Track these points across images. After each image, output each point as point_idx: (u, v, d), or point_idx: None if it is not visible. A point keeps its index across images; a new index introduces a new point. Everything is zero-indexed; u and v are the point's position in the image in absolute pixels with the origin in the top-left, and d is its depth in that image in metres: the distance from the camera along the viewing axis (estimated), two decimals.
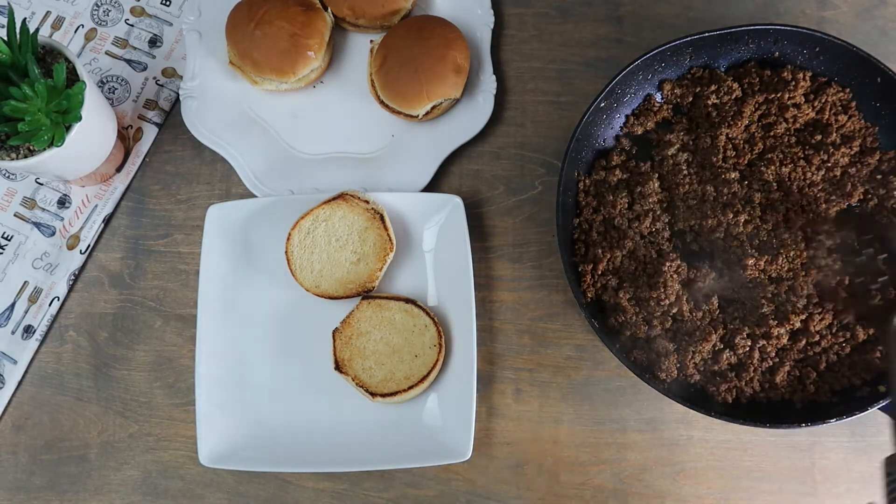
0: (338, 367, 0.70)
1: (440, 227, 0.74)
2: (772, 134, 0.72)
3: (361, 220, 0.72)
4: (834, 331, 0.68)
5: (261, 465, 0.69)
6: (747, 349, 0.67)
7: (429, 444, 0.69)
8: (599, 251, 0.69)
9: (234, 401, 0.71)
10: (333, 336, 0.71)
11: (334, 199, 0.72)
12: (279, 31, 0.73)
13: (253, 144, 0.78)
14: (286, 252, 0.71)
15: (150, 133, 0.80)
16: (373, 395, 0.69)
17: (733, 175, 0.70)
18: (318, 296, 0.71)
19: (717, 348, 0.67)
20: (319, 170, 0.77)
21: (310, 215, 0.72)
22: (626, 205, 0.71)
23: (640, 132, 0.74)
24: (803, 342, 0.67)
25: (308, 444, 0.70)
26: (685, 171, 0.72)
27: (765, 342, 0.67)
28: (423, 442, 0.69)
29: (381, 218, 0.71)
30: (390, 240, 0.71)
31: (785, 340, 0.67)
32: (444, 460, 0.68)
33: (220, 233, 0.73)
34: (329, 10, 0.77)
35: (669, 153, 0.73)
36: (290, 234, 0.72)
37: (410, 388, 0.68)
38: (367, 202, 0.72)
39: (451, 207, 0.73)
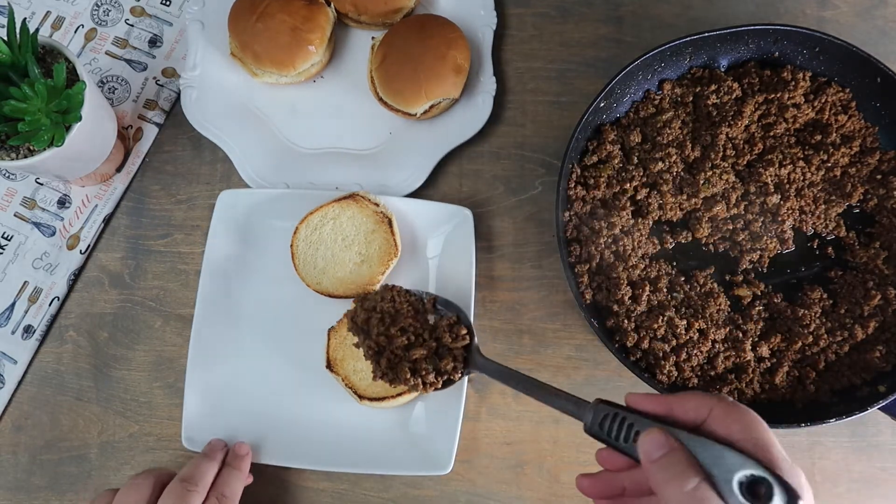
0: (329, 366, 0.69)
1: (447, 236, 0.73)
2: (772, 134, 0.72)
3: (369, 222, 0.71)
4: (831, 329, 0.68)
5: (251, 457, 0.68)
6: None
7: (412, 452, 0.68)
8: (593, 249, 0.69)
9: (226, 393, 0.71)
10: (329, 334, 0.71)
11: (345, 198, 0.72)
12: (281, 25, 0.73)
13: (251, 136, 0.78)
14: (291, 245, 0.71)
15: (150, 133, 0.80)
16: (360, 397, 0.68)
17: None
18: (317, 292, 0.71)
19: (712, 353, 0.67)
20: (316, 164, 0.77)
21: (319, 211, 0.71)
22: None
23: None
24: (799, 343, 0.67)
25: (298, 441, 0.69)
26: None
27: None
28: (405, 450, 0.68)
29: (389, 223, 0.71)
30: (396, 246, 0.71)
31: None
32: (425, 471, 0.67)
33: (229, 219, 0.73)
34: (332, 5, 0.77)
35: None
36: (297, 228, 0.71)
37: (398, 395, 0.68)
38: (377, 205, 0.72)
39: (460, 219, 0.72)
